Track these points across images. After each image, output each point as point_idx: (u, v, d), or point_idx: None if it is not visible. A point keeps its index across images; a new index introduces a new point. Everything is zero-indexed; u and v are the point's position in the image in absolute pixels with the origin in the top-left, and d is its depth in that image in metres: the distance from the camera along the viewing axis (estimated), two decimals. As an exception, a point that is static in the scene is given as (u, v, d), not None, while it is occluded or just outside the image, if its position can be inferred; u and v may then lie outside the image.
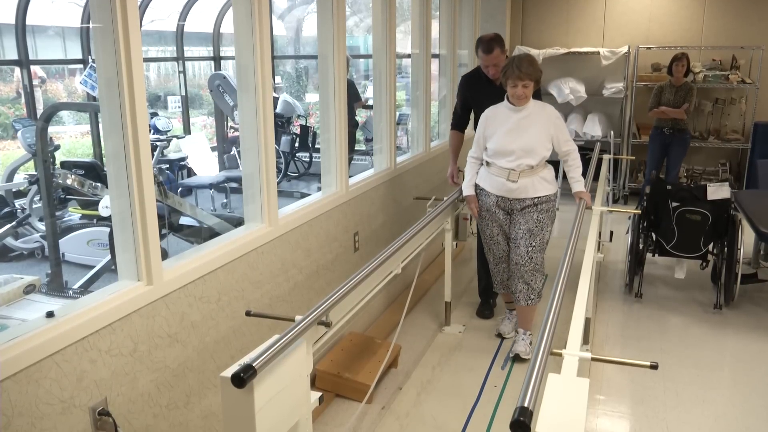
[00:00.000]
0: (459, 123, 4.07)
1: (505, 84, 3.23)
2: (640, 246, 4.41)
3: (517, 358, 3.48)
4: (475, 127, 3.85)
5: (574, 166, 3.40)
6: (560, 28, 7.43)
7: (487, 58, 3.68)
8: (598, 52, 6.94)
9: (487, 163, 3.39)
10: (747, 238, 4.26)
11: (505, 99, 3.30)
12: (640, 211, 4.22)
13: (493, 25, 7.04)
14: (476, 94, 3.85)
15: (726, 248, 4.14)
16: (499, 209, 3.40)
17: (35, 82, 6.54)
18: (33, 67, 6.58)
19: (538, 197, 3.31)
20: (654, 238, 4.38)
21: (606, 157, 5.14)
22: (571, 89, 6.95)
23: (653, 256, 4.44)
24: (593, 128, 6.94)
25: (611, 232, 4.90)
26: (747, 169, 6.89)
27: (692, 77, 6.51)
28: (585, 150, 6.82)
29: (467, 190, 3.53)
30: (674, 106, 5.86)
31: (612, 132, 6.86)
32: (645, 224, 4.41)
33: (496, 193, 3.37)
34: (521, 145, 3.23)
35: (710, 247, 4.26)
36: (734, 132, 7.05)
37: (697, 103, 6.65)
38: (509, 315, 3.82)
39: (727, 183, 4.32)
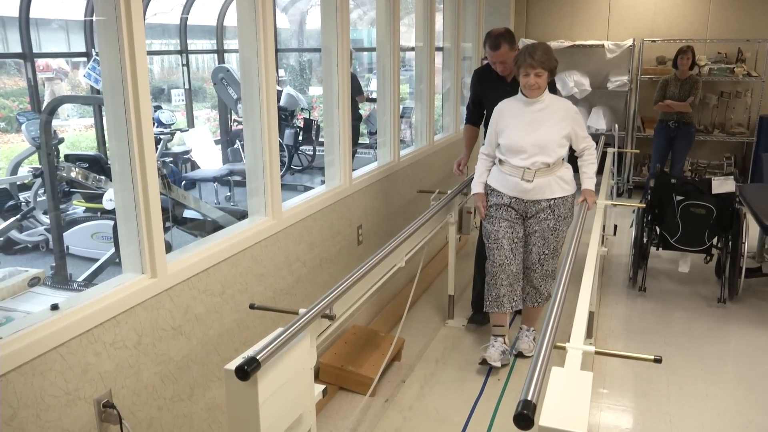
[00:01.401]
0: (472, 118, 3.92)
1: (517, 74, 3.05)
2: (644, 240, 4.41)
3: (520, 356, 3.40)
4: (486, 124, 3.73)
5: (588, 162, 3.21)
6: (565, 20, 7.40)
7: (494, 54, 3.45)
8: (603, 45, 6.91)
9: (500, 161, 3.18)
10: (751, 232, 4.24)
11: (519, 91, 3.11)
12: (644, 205, 4.21)
13: (497, 18, 7.02)
14: (486, 90, 3.69)
15: (730, 242, 4.13)
16: (511, 209, 3.18)
17: (51, 74, 6.56)
18: (50, 59, 6.60)
19: (555, 199, 3.11)
20: (658, 232, 4.37)
21: (610, 150, 5.12)
22: (575, 82, 6.93)
23: (657, 249, 4.43)
24: (598, 121, 6.91)
25: (615, 226, 4.89)
26: (752, 162, 6.87)
27: (697, 70, 6.48)
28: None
29: (476, 187, 3.31)
30: (679, 100, 5.83)
31: (616, 125, 6.84)
32: (649, 218, 4.40)
33: (509, 194, 3.15)
34: (535, 141, 3.02)
35: (714, 240, 4.25)
36: (739, 125, 7.02)
37: (702, 97, 6.62)
38: (494, 342, 3.32)
39: (732, 176, 4.30)
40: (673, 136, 6.01)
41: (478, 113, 3.89)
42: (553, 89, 3.28)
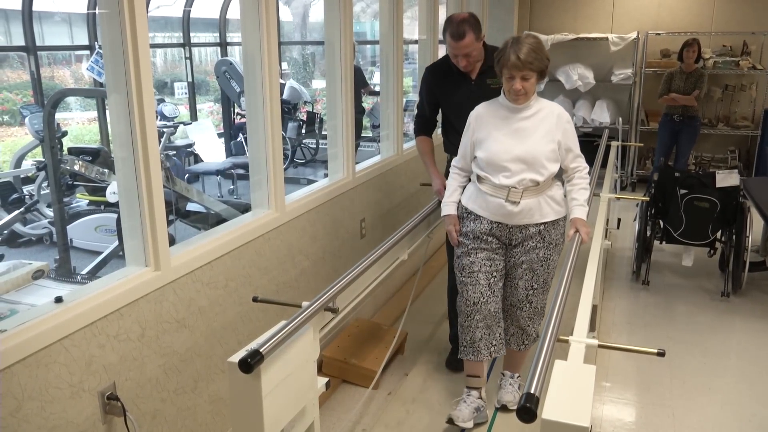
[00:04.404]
0: (426, 126, 3.16)
1: (499, 74, 2.47)
2: (648, 233, 4.40)
3: (503, 409, 2.88)
4: (445, 131, 3.14)
5: (579, 186, 2.60)
6: (569, 13, 7.36)
7: (456, 45, 2.75)
8: (607, 38, 6.88)
9: (479, 179, 2.60)
10: (755, 226, 4.23)
11: (502, 94, 2.56)
12: (648, 198, 4.20)
13: (501, 11, 6.99)
14: (445, 92, 3.00)
15: (734, 236, 4.12)
16: (492, 237, 2.62)
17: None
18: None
19: (545, 223, 2.57)
20: (662, 226, 4.37)
21: (614, 143, 5.11)
22: (579, 75, 6.90)
23: (661, 243, 4.42)
24: (601, 115, 6.89)
25: (619, 220, 4.88)
26: (756, 156, 6.84)
27: (702, 63, 6.45)
28: (593, 137, 6.81)
29: (447, 208, 2.73)
30: (684, 93, 5.81)
31: (620, 119, 6.81)
32: (653, 211, 4.39)
33: (490, 218, 2.58)
34: (522, 155, 2.47)
35: (718, 234, 4.24)
36: (744, 119, 6.99)
37: (707, 90, 6.60)
38: (467, 397, 2.78)
39: (736, 170, 4.29)
40: (678, 130, 5.98)
41: (434, 120, 3.18)
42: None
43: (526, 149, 2.48)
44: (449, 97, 2.99)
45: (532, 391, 1.47)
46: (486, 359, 2.71)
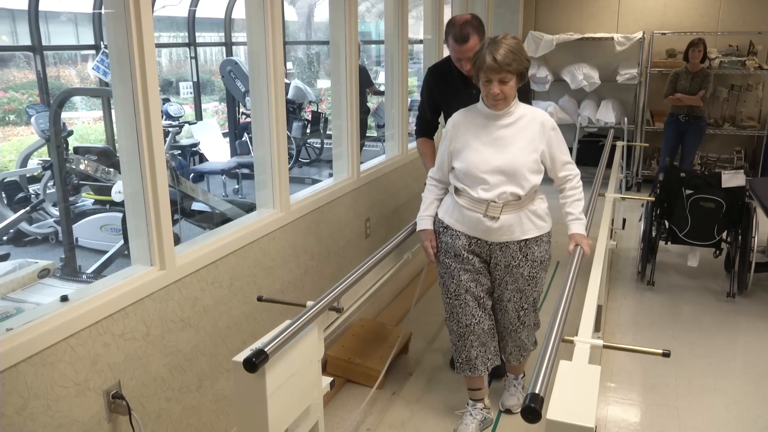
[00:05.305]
0: (428, 129, 3.09)
1: (476, 78, 2.31)
2: (653, 233, 4.39)
3: (507, 413, 2.87)
4: None
5: (572, 198, 2.45)
6: (574, 13, 7.35)
7: (460, 49, 2.64)
8: (613, 38, 6.86)
9: (456, 191, 2.45)
10: (761, 227, 4.22)
11: (480, 100, 2.40)
12: (653, 199, 4.19)
13: (506, 10, 6.99)
14: (447, 95, 2.92)
15: (740, 236, 4.10)
16: (472, 255, 2.49)
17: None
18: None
19: (526, 240, 2.43)
20: (667, 226, 4.35)
21: (619, 143, 5.10)
22: (584, 75, 6.89)
23: (666, 243, 4.41)
24: (607, 115, 6.88)
25: (624, 220, 4.87)
26: (762, 156, 6.81)
27: (708, 63, 6.42)
28: (598, 137, 6.81)
29: (422, 222, 2.58)
30: (690, 93, 5.79)
31: (626, 118, 6.80)
32: (658, 212, 4.38)
33: (468, 233, 2.45)
34: (502, 166, 2.32)
35: (724, 235, 4.23)
36: (750, 119, 6.96)
37: (713, 90, 6.57)
38: (472, 409, 2.75)
39: (742, 170, 4.28)
40: (684, 130, 5.96)
41: (435, 122, 3.10)
42: (525, 96, 2.61)
43: (506, 160, 2.32)
44: (450, 100, 2.88)
45: (536, 392, 1.47)
46: (484, 373, 2.69)
